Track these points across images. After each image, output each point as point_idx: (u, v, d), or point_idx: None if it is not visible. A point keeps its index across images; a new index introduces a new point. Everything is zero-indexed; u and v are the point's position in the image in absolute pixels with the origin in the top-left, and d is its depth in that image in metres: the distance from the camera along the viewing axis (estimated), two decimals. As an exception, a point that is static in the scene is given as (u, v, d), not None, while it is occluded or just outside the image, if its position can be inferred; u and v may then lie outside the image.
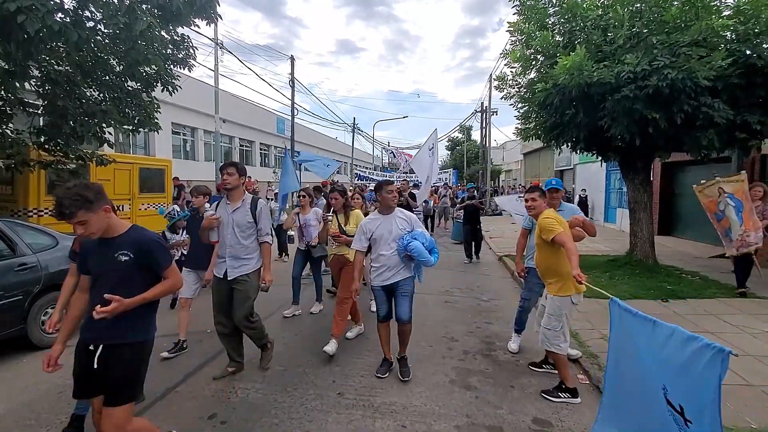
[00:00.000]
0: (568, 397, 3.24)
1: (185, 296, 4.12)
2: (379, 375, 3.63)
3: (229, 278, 3.44)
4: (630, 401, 2.20)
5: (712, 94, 5.67)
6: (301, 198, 5.48)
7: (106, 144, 7.53)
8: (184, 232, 5.32)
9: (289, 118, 21.09)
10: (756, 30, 5.55)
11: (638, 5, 6.19)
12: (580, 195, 16.94)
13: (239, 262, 3.45)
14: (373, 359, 3.95)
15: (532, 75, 7.53)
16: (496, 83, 8.39)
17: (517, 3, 7.21)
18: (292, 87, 20.00)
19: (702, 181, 6.42)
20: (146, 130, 8.56)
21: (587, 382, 3.59)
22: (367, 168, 21.98)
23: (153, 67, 7.10)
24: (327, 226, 4.65)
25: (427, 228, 13.95)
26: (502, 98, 8.46)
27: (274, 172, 15.72)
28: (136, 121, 7.79)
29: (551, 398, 3.27)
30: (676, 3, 5.93)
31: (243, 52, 64.33)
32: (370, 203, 7.30)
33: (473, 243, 9.30)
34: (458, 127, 39.45)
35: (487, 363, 3.96)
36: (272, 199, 12.11)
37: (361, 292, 4.08)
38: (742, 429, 2.79)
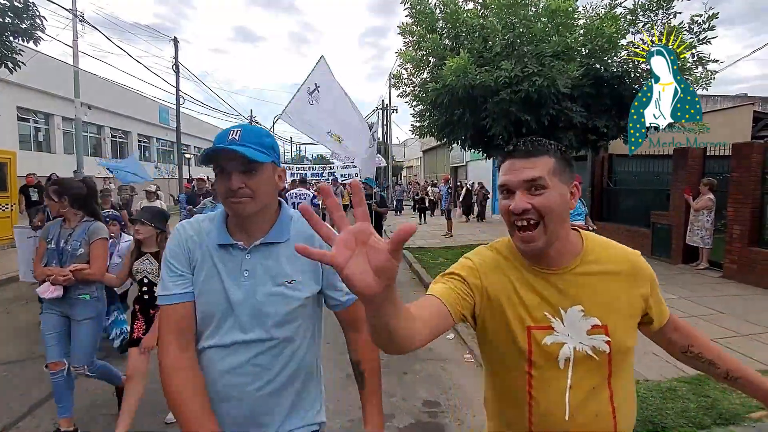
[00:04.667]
0: None
1: None
2: None
3: None
4: None
5: (571, 101, 6.56)
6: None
7: None
8: None
9: (174, 107, 19.14)
10: (603, 47, 6.55)
11: (511, 18, 6.87)
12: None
13: None
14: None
15: (425, 75, 7.89)
16: (393, 81, 8.62)
17: (408, 6, 7.47)
18: (177, 72, 18.18)
19: None
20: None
21: (472, 360, 3.88)
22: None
23: (-16, 37, 5.91)
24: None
25: None
26: (398, 96, 8.72)
27: (156, 167, 14.03)
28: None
29: None
30: (543, 19, 6.71)
31: (119, 31, 56.58)
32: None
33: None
34: (360, 124, 39.87)
35: (383, 353, 4.03)
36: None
37: None
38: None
